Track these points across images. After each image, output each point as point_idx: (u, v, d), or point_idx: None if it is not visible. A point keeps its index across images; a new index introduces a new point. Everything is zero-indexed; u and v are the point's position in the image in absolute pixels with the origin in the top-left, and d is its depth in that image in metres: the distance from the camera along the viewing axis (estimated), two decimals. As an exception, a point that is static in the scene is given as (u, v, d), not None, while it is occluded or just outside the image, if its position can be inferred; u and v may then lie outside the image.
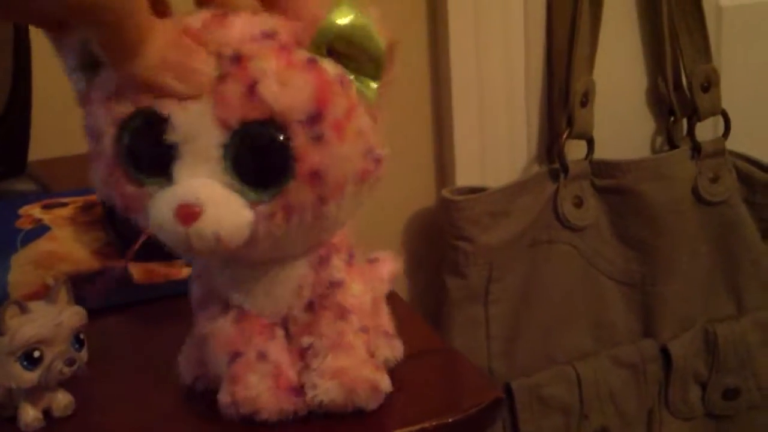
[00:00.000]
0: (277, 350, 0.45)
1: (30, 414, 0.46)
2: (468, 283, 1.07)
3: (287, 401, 0.44)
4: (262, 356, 0.44)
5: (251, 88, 0.39)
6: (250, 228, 0.41)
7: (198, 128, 0.40)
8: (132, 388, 0.50)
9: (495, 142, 1.12)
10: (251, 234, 0.41)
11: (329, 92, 0.39)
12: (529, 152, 1.15)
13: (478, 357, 1.08)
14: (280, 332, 0.46)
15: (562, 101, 1.11)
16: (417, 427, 0.44)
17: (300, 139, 0.39)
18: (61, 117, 0.93)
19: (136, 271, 0.64)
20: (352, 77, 0.41)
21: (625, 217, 1.12)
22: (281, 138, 0.39)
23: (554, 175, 1.10)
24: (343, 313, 0.46)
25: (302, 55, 0.40)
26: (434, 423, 0.44)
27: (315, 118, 0.39)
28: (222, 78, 0.39)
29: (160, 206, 0.40)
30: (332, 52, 0.40)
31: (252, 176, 0.40)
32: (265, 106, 0.39)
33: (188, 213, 0.39)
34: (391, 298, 0.52)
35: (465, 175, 1.11)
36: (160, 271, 0.63)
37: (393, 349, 0.48)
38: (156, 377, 0.50)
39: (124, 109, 0.40)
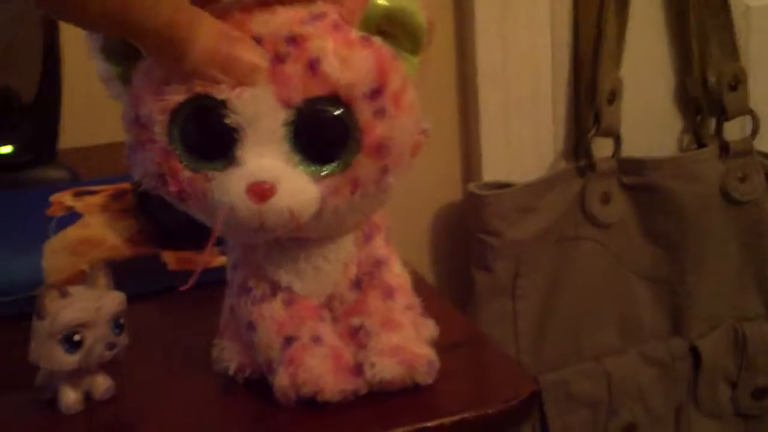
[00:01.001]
0: (329, 332, 0.46)
1: (70, 397, 0.47)
2: (495, 278, 1.07)
3: (348, 381, 0.44)
4: (316, 339, 0.45)
5: (312, 66, 0.40)
6: (318, 203, 0.41)
7: (260, 109, 0.40)
8: (171, 373, 0.50)
9: (521, 137, 1.11)
10: (318, 208, 0.41)
11: (387, 66, 0.41)
12: (556, 149, 1.14)
13: (506, 352, 1.08)
14: (327, 314, 0.46)
15: (589, 98, 1.10)
16: (458, 417, 0.44)
17: (365, 113, 0.41)
18: (90, 106, 0.93)
19: (170, 259, 0.64)
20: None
21: (652, 214, 1.12)
22: (346, 113, 0.40)
23: (581, 172, 1.10)
24: (389, 292, 0.46)
25: (355, 33, 0.41)
26: (474, 414, 0.44)
27: (377, 91, 0.40)
28: (279, 59, 0.40)
29: (230, 187, 0.41)
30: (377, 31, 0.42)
31: (317, 152, 0.41)
32: (329, 83, 0.40)
33: (262, 191, 0.40)
34: (426, 289, 0.52)
35: (491, 170, 1.11)
36: (194, 259, 0.63)
37: (430, 329, 0.48)
38: (195, 363, 0.50)
39: (177, 96, 0.41)
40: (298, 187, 0.41)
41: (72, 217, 0.73)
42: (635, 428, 1.13)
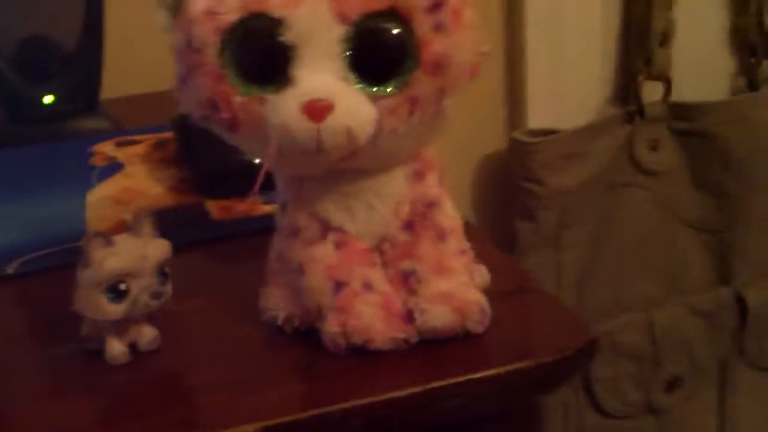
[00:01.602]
0: (380, 278, 0.45)
1: (116, 347, 0.46)
2: (539, 227, 1.05)
3: (399, 329, 0.44)
4: (367, 286, 0.44)
5: None
6: (375, 124, 0.40)
7: (316, 26, 0.39)
8: (217, 324, 0.49)
9: (568, 82, 1.08)
10: (375, 131, 0.40)
11: None
12: (604, 93, 1.11)
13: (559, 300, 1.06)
14: (377, 259, 0.45)
15: (640, 40, 1.07)
16: (512, 366, 0.43)
17: (423, 28, 0.40)
18: (132, 56, 0.92)
19: (214, 208, 0.63)
20: None
21: (702, 161, 1.09)
22: (404, 28, 0.40)
23: (629, 118, 1.07)
24: (442, 235, 0.45)
25: None
26: (533, 362, 0.43)
27: (437, 4, 0.40)
28: None
29: (285, 106, 0.40)
30: None
31: (374, 70, 0.40)
32: None
33: (319, 108, 0.39)
34: (475, 234, 0.50)
35: (537, 117, 1.08)
36: (237, 207, 0.62)
37: (482, 276, 0.47)
38: (241, 313, 0.49)
39: (230, 16, 0.40)
40: (355, 105, 0.40)
41: (114, 166, 0.72)
42: (680, 380, 1.12)
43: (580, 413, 1.09)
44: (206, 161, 0.65)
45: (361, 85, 0.41)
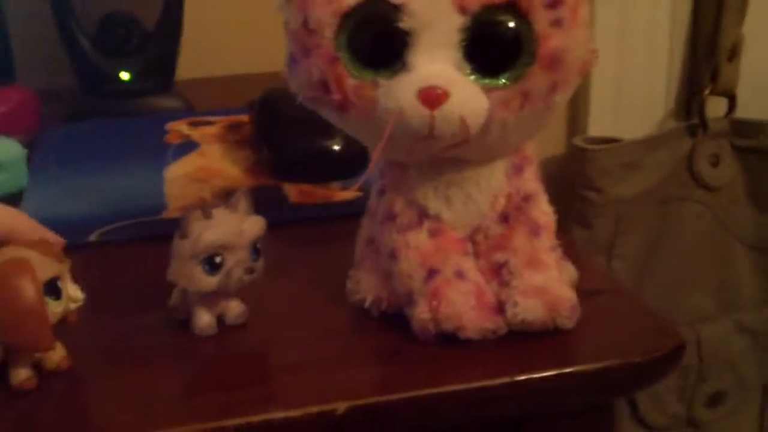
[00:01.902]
0: (472, 268, 0.45)
1: (204, 319, 0.46)
2: (593, 235, 1.05)
3: (489, 319, 0.44)
4: (460, 274, 0.44)
5: None
6: (486, 115, 0.40)
7: (436, 14, 0.40)
8: (301, 303, 0.50)
9: (632, 92, 1.08)
10: (485, 122, 0.41)
11: None
12: (667, 105, 1.11)
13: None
14: (470, 249, 0.45)
15: (708, 54, 1.06)
16: (602, 365, 0.43)
17: (542, 23, 0.40)
18: (206, 38, 0.93)
19: (292, 191, 0.63)
20: None
21: (762, 179, 1.08)
22: (522, 22, 0.40)
23: (692, 132, 1.06)
24: (536, 229, 0.45)
25: None
26: (619, 361, 0.43)
27: (556, 1, 0.40)
28: None
29: (401, 91, 0.40)
30: None
31: (489, 62, 0.41)
32: None
33: (435, 95, 0.40)
34: (559, 233, 0.50)
35: (598, 125, 1.08)
36: (316, 192, 0.63)
37: (571, 273, 0.47)
38: (324, 295, 0.50)
39: (349, 0, 0.40)
40: (469, 95, 0.40)
41: (189, 145, 0.73)
42: (723, 396, 1.11)
43: (621, 424, 1.08)
44: (285, 145, 0.66)
45: (476, 75, 0.41)
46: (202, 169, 0.68)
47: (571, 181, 1.05)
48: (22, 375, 0.42)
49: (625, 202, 1.04)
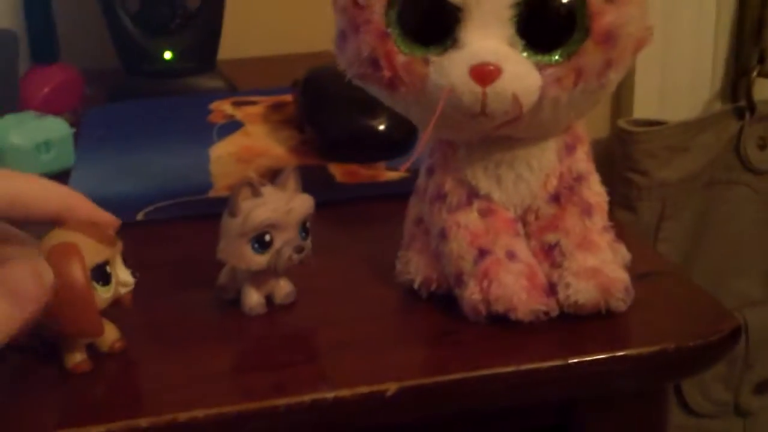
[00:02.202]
0: (524, 249, 0.44)
1: (254, 298, 0.46)
2: (638, 219, 1.03)
3: (541, 301, 0.43)
4: (511, 255, 0.43)
5: None
6: (539, 92, 0.40)
7: None
8: (349, 283, 0.49)
9: (678, 74, 1.07)
10: (538, 99, 0.40)
11: None
12: (713, 87, 1.09)
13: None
14: (521, 229, 0.44)
15: (755, 36, 1.04)
16: (656, 348, 0.42)
17: None
18: (249, 18, 0.93)
19: (337, 171, 0.63)
20: None
21: (812, 163, 1.06)
22: None
23: (739, 114, 1.05)
24: (588, 210, 0.45)
25: None
26: (674, 345, 0.42)
27: None
28: None
29: (453, 68, 0.40)
30: None
31: (542, 38, 0.40)
32: None
33: (487, 72, 0.39)
34: (614, 218, 0.49)
35: (643, 107, 1.07)
36: (362, 172, 0.62)
37: (624, 255, 0.46)
38: (371, 276, 0.49)
39: None
40: (522, 71, 0.40)
41: (233, 125, 0.73)
42: (770, 384, 1.10)
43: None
44: (330, 125, 0.66)
45: (528, 52, 0.40)
46: (247, 149, 0.68)
47: (616, 164, 1.04)
48: (76, 358, 0.42)
49: (670, 186, 1.03)
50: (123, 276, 0.43)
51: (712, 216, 1.06)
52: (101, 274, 0.41)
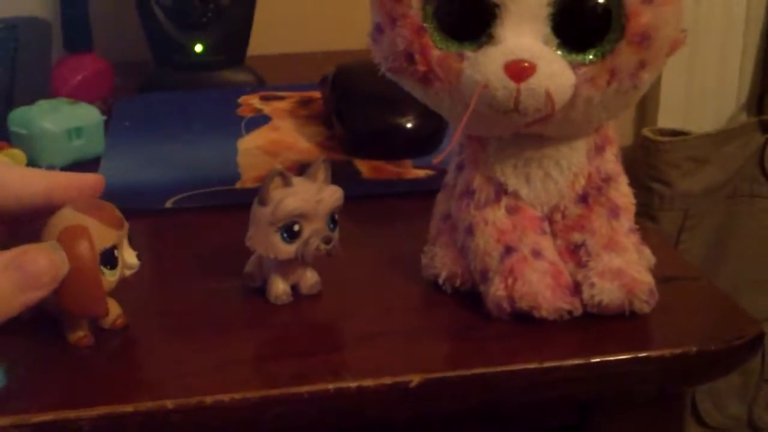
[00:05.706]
0: (550, 247, 0.44)
1: (280, 287, 0.47)
2: (659, 229, 1.03)
3: (565, 300, 0.43)
4: (537, 253, 0.44)
5: None
6: (572, 91, 0.40)
7: None
8: (374, 277, 0.50)
9: (704, 85, 1.07)
10: (571, 98, 0.40)
11: None
12: (739, 100, 1.09)
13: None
14: (548, 228, 0.45)
15: (783, 49, 1.05)
16: (680, 350, 0.42)
17: None
18: (279, 14, 0.93)
19: (364, 167, 0.64)
20: None
21: (835, 178, 1.06)
22: None
23: (764, 127, 1.05)
24: (615, 211, 0.45)
25: None
26: (696, 349, 0.42)
27: None
28: None
29: (488, 64, 0.40)
30: None
31: (577, 37, 0.40)
32: None
33: (521, 68, 0.39)
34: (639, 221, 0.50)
35: (667, 117, 1.07)
36: (388, 169, 0.63)
37: (648, 257, 0.47)
38: (396, 270, 0.50)
39: None
40: (556, 69, 0.40)
41: (261, 118, 0.74)
42: (786, 400, 1.09)
43: (679, 420, 1.07)
44: (357, 121, 0.66)
45: (563, 50, 0.41)
46: (275, 142, 0.68)
47: (638, 173, 1.04)
48: (79, 333, 0.43)
49: (692, 197, 1.03)
50: (129, 259, 0.43)
51: (733, 228, 1.06)
52: (109, 258, 0.42)
